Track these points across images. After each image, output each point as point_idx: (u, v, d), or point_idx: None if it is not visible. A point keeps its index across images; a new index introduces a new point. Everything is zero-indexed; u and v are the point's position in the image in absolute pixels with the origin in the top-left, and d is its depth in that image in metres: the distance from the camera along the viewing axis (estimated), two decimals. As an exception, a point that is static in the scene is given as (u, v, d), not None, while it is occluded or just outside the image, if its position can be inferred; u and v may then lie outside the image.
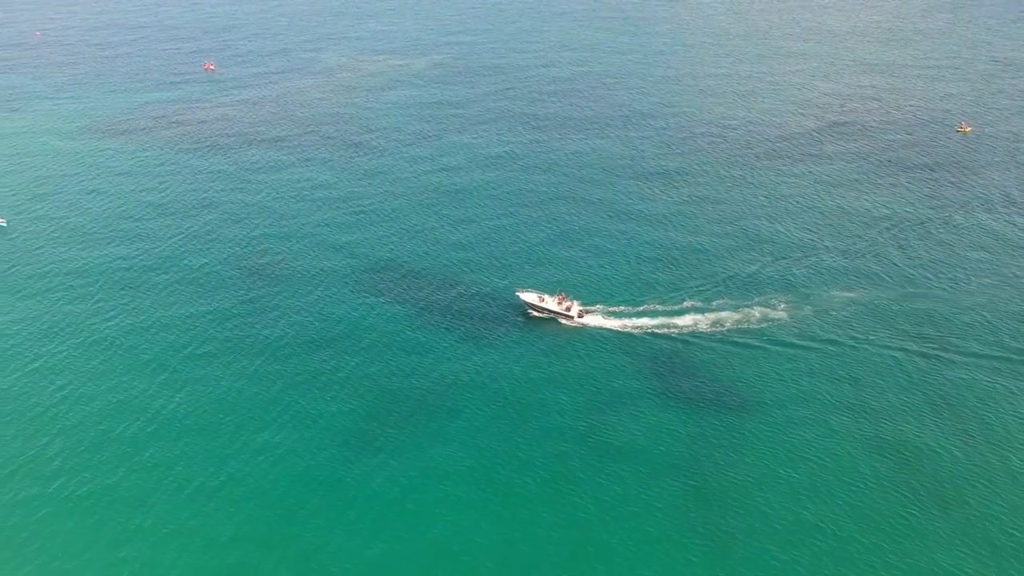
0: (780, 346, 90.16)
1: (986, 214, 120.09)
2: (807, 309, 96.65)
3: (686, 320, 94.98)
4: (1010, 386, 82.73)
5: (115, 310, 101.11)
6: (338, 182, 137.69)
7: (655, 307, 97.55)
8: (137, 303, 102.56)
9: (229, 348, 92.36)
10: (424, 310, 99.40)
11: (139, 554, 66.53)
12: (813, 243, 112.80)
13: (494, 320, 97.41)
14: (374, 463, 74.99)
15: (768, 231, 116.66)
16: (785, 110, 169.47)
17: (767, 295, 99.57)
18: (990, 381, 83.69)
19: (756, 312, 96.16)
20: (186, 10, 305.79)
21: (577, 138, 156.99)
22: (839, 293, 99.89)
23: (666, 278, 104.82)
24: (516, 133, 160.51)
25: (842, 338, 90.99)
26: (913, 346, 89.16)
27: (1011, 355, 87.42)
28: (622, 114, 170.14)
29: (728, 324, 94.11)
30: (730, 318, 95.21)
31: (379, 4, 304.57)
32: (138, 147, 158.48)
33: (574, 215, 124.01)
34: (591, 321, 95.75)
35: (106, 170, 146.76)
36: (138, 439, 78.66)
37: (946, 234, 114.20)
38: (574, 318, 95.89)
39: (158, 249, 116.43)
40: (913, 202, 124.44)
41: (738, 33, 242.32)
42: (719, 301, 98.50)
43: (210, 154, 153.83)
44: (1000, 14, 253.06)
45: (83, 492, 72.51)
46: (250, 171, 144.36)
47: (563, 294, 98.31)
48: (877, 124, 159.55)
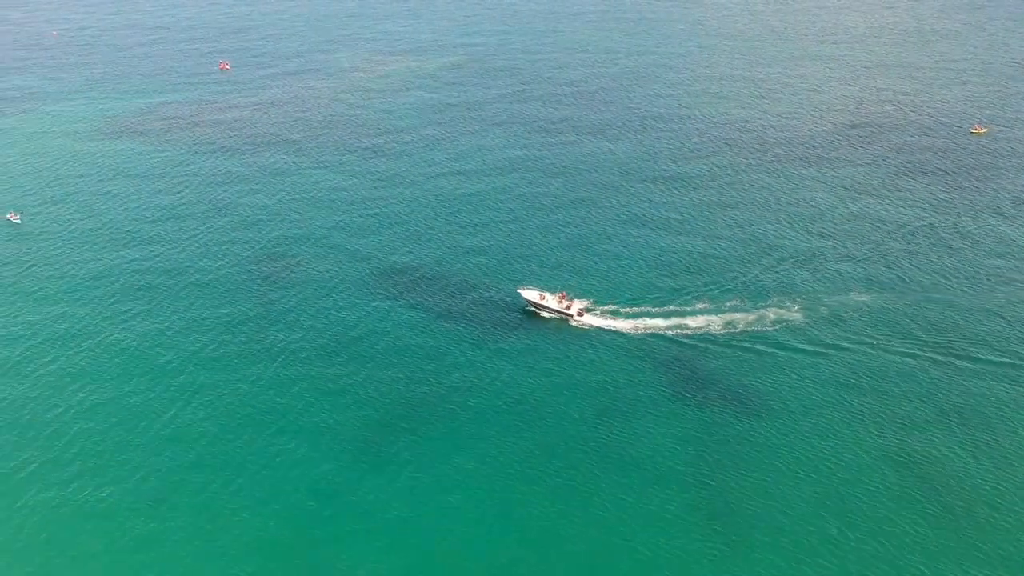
0: (790, 351, 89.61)
1: (999, 218, 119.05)
2: (822, 311, 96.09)
3: (698, 321, 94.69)
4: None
5: (129, 312, 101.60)
6: (352, 185, 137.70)
7: (666, 308, 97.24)
8: (150, 305, 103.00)
9: (244, 352, 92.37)
10: (433, 312, 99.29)
11: (155, 559, 66.76)
12: (827, 246, 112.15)
13: (499, 320, 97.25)
14: (387, 470, 74.92)
15: (781, 234, 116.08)
16: (800, 112, 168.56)
17: (780, 298, 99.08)
18: (1006, 389, 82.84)
19: (770, 314, 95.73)
20: (202, 10, 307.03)
21: (590, 140, 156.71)
22: (853, 297, 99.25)
23: (675, 280, 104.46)
24: (530, 135, 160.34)
25: (856, 343, 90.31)
26: (928, 352, 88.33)
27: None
28: (636, 117, 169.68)
29: (741, 326, 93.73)
30: (743, 319, 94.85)
31: (395, 5, 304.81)
32: (153, 148, 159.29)
33: (586, 217, 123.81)
34: (591, 320, 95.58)
35: (120, 171, 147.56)
36: (154, 443, 78.78)
37: (959, 238, 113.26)
38: (574, 317, 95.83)
39: (172, 252, 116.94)
40: (926, 205, 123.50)
41: (753, 34, 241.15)
42: (731, 303, 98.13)
43: (225, 155, 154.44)
44: (1019, 15, 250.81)
45: (100, 496, 72.74)
46: (264, 173, 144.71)
47: (564, 292, 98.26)
48: (892, 126, 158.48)
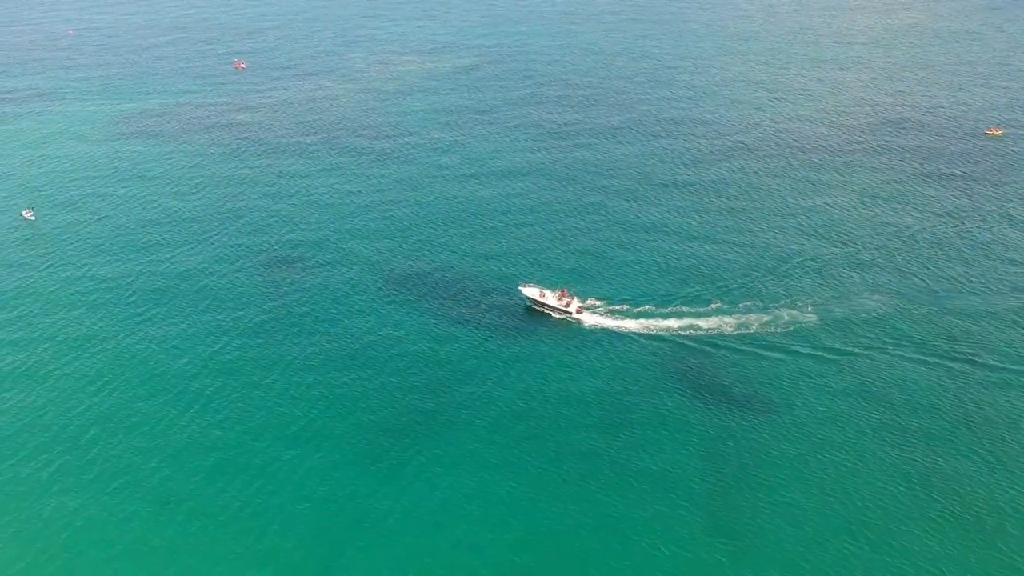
0: (803, 356, 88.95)
1: (1013, 223, 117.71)
2: (836, 314, 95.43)
3: (710, 323, 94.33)
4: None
5: (143, 316, 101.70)
6: (364, 189, 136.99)
7: (679, 309, 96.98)
8: (164, 309, 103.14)
9: (256, 357, 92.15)
10: (444, 317, 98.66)
11: (169, 563, 66.84)
12: (840, 250, 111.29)
13: (511, 323, 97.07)
14: (397, 477, 74.84)
15: (795, 237, 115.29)
16: (815, 115, 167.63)
17: (794, 301, 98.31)
18: (1021, 397, 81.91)
19: (785, 315, 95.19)
20: (219, 10, 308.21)
21: (604, 143, 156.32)
22: (867, 301, 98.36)
23: (689, 281, 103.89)
24: (543, 138, 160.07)
25: (870, 348, 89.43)
26: (942, 360, 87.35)
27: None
28: (651, 119, 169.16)
29: (755, 327, 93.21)
30: (757, 321, 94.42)
31: (411, 7, 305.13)
32: (167, 149, 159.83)
33: (599, 219, 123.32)
34: (602, 321, 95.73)
35: (134, 171, 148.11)
36: (170, 448, 78.84)
37: (973, 243, 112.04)
38: (572, 314, 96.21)
39: (185, 254, 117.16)
40: (941, 209, 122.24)
41: (769, 36, 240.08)
42: (745, 304, 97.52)
43: (238, 157, 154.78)
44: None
45: (116, 501, 72.77)
46: (276, 176, 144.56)
47: (564, 290, 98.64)
48: (907, 128, 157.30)
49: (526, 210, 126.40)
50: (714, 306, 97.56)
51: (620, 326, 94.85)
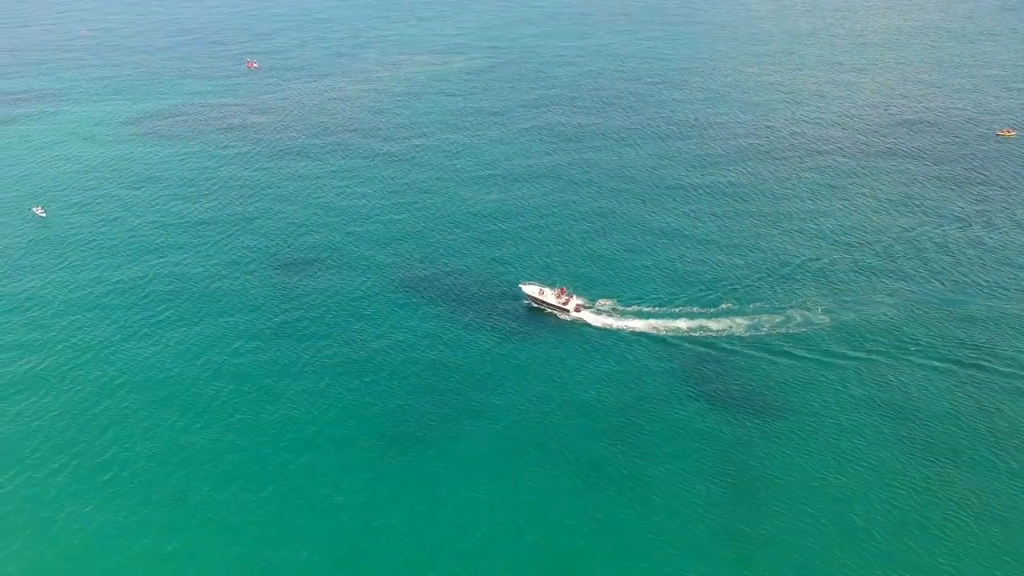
0: (814, 358, 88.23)
1: (1022, 225, 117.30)
2: (848, 316, 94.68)
3: (721, 324, 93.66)
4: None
5: (155, 319, 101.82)
6: (375, 192, 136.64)
7: (690, 309, 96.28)
8: (175, 311, 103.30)
9: (268, 360, 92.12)
10: (453, 322, 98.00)
11: (183, 548, 67.35)
12: (853, 251, 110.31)
13: (521, 325, 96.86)
14: (408, 481, 74.79)
15: (807, 239, 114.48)
16: (827, 116, 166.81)
17: (806, 302, 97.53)
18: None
19: (797, 316, 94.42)
20: (231, 11, 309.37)
21: (616, 144, 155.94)
22: (879, 303, 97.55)
23: (699, 282, 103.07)
24: (554, 140, 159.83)
25: (882, 351, 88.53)
26: (956, 363, 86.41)
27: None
28: (662, 121, 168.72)
29: (766, 329, 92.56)
30: (768, 322, 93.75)
31: (423, 8, 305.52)
32: (178, 149, 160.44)
33: (610, 219, 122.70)
34: (587, 318, 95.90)
35: (145, 172, 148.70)
36: (183, 452, 78.87)
37: (985, 245, 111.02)
38: (570, 312, 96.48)
39: (195, 256, 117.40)
40: (954, 212, 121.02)
41: (782, 37, 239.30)
42: (755, 305, 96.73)
43: (249, 159, 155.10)
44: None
45: (130, 504, 72.92)
46: (287, 178, 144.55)
47: (563, 288, 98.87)
48: (920, 129, 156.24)
49: (537, 213, 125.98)
50: (724, 307, 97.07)
51: (631, 327, 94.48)
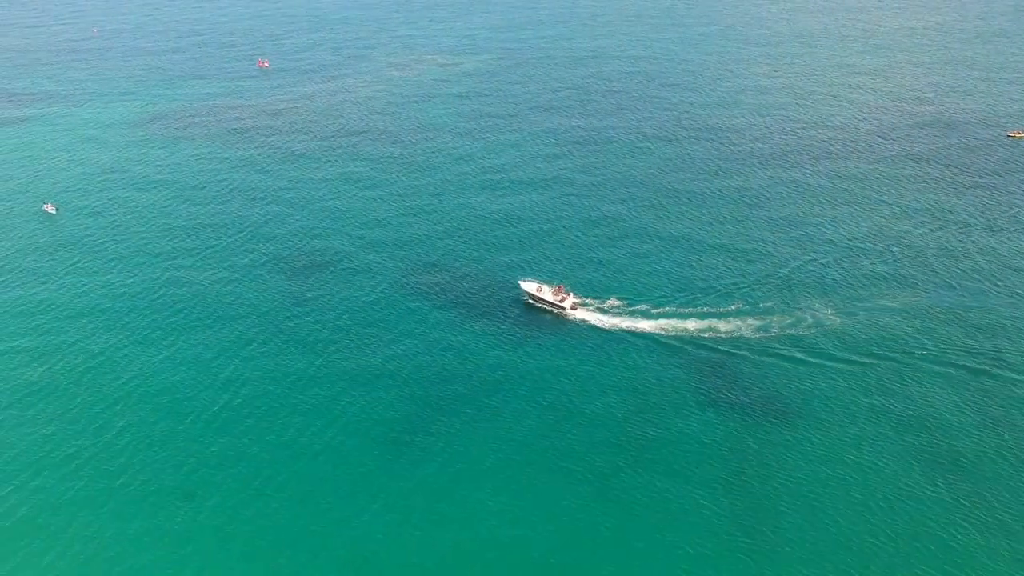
0: (825, 359, 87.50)
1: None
2: (859, 316, 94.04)
3: (731, 324, 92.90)
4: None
5: (161, 314, 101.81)
6: (384, 196, 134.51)
7: (701, 309, 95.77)
8: (183, 302, 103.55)
9: (275, 365, 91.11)
10: (460, 324, 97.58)
11: (193, 555, 66.88)
12: (864, 251, 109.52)
13: (525, 325, 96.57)
14: (419, 469, 74.66)
15: (818, 238, 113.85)
16: (838, 116, 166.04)
17: (816, 302, 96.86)
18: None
19: (808, 318, 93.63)
20: (242, 11, 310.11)
21: (625, 147, 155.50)
22: (890, 303, 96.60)
23: (708, 282, 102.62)
24: (563, 144, 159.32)
25: (894, 352, 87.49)
26: (968, 366, 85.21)
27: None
28: (673, 122, 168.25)
29: (775, 329, 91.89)
30: (778, 322, 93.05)
31: (434, 9, 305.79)
32: (188, 148, 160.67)
33: (619, 220, 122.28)
34: (585, 316, 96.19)
35: (155, 171, 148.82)
36: (197, 437, 79.01)
37: (994, 246, 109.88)
38: (566, 310, 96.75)
39: (204, 249, 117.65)
40: (963, 213, 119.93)
41: (793, 38, 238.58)
42: (766, 305, 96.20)
43: (258, 159, 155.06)
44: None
45: (146, 490, 72.97)
46: (296, 180, 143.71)
47: (561, 285, 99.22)
48: (931, 129, 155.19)
49: (546, 217, 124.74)
50: (734, 308, 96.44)
51: (639, 327, 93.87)
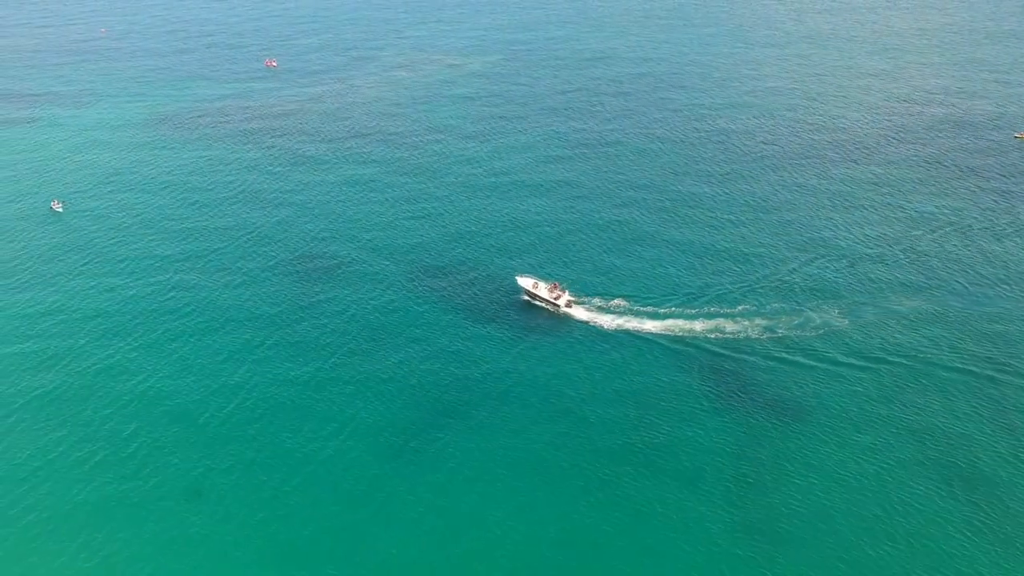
0: (834, 361, 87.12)
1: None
2: (867, 317, 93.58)
3: (737, 325, 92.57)
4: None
5: (170, 312, 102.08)
6: (392, 199, 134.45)
7: (709, 310, 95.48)
8: (190, 306, 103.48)
9: (283, 355, 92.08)
10: (467, 323, 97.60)
11: (210, 556, 67.00)
12: (872, 253, 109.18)
13: (533, 325, 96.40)
14: (425, 471, 74.72)
15: (827, 239, 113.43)
16: (846, 116, 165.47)
17: (824, 303, 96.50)
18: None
19: (816, 318, 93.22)
20: (251, 10, 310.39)
21: (633, 144, 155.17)
22: (899, 304, 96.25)
23: (717, 282, 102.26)
24: (570, 145, 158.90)
25: (903, 354, 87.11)
26: (978, 367, 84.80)
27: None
28: (680, 120, 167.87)
29: (782, 331, 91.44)
30: (785, 323, 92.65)
31: (445, 9, 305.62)
32: (196, 145, 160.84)
33: (628, 221, 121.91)
34: (589, 316, 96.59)
35: (164, 166, 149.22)
36: (209, 441, 78.99)
37: (1002, 248, 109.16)
38: (560, 307, 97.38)
39: (211, 248, 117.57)
40: (970, 214, 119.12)
41: (801, 37, 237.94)
42: (773, 306, 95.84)
43: (267, 159, 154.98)
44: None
45: (158, 493, 73.04)
46: (303, 181, 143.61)
47: (556, 283, 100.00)
48: (939, 130, 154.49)
49: (553, 219, 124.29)
50: (741, 308, 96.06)
51: (645, 328, 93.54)
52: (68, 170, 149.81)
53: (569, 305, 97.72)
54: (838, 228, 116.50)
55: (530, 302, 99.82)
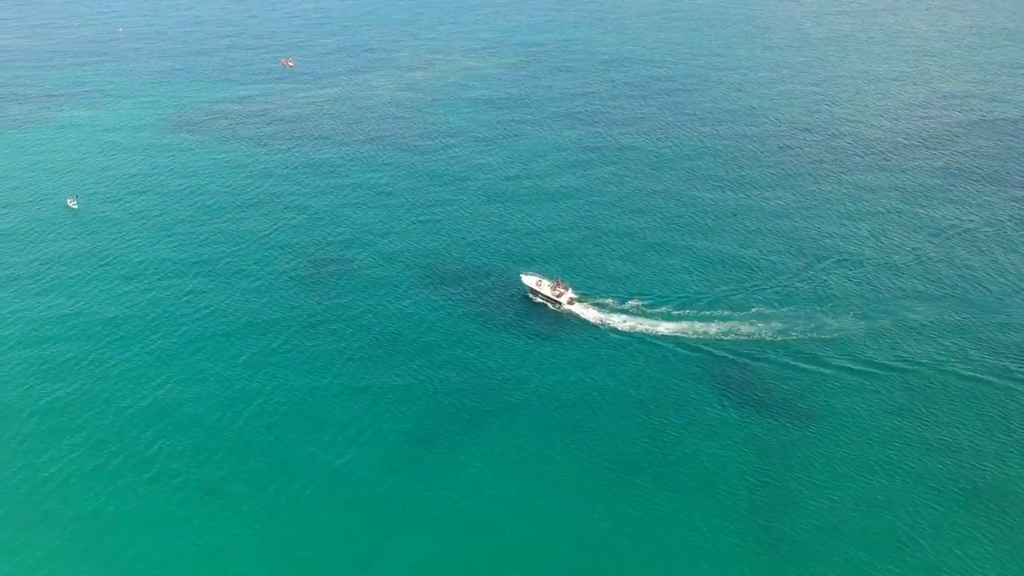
0: (847, 367, 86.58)
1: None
2: (882, 323, 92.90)
3: (751, 327, 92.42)
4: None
5: (184, 310, 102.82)
6: (403, 204, 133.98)
7: (722, 312, 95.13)
8: (204, 306, 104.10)
9: (298, 361, 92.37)
10: (480, 322, 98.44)
11: (230, 559, 67.53)
12: (888, 257, 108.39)
13: (543, 326, 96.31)
14: (438, 473, 74.99)
15: (843, 242, 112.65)
16: (865, 120, 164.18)
17: (839, 307, 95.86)
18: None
19: (832, 323, 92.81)
20: (268, 10, 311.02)
21: (648, 149, 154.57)
22: (914, 310, 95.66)
23: (729, 284, 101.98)
24: (584, 149, 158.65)
25: (919, 361, 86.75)
26: (994, 371, 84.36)
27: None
28: (696, 121, 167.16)
29: (796, 334, 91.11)
30: (799, 327, 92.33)
31: (460, 11, 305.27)
32: (210, 145, 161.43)
33: (641, 223, 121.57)
34: (577, 310, 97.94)
35: (179, 169, 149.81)
36: (228, 444, 79.58)
37: (1020, 252, 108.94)
38: (563, 305, 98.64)
39: (225, 252, 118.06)
40: (987, 217, 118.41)
41: (819, 38, 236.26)
42: (787, 309, 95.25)
43: (281, 158, 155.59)
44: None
45: (177, 497, 73.59)
46: (318, 185, 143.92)
47: (559, 281, 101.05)
48: (958, 132, 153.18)
49: (566, 223, 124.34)
50: (755, 310, 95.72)
51: (659, 330, 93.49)
52: (84, 170, 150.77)
53: (571, 303, 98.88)
54: (854, 234, 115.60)
55: (532, 299, 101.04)
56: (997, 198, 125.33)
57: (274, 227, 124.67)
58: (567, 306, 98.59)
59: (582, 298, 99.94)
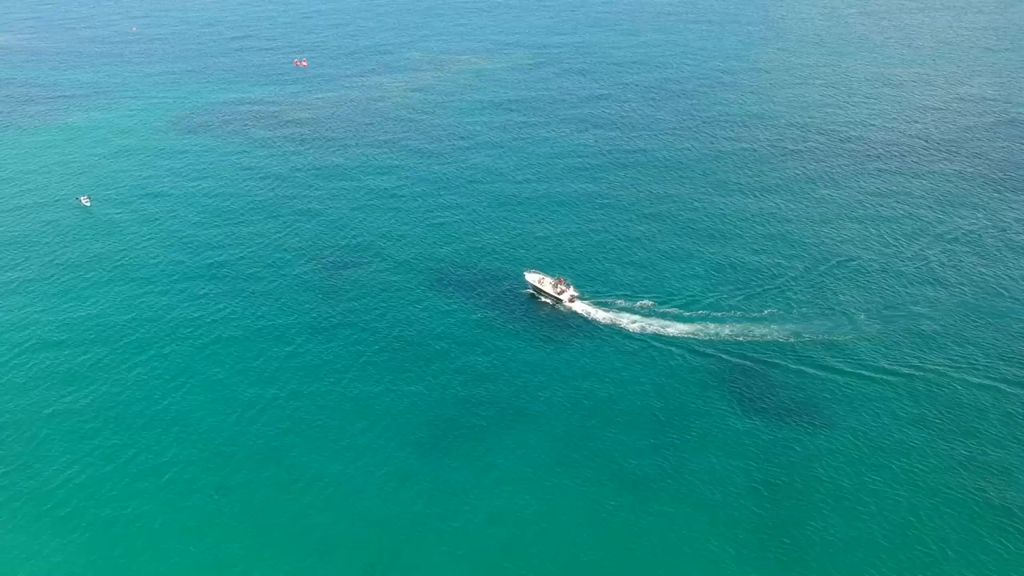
0: (859, 373, 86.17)
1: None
2: (895, 327, 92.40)
3: (762, 329, 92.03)
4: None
5: (194, 315, 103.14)
6: (414, 207, 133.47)
7: (733, 314, 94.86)
8: (215, 311, 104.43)
9: (309, 364, 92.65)
10: (490, 326, 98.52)
11: (240, 550, 68.20)
12: (901, 261, 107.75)
13: (553, 328, 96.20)
14: (456, 472, 75.20)
15: (857, 245, 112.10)
16: (879, 122, 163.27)
17: (850, 311, 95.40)
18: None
19: (845, 325, 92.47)
20: (282, 9, 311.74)
21: (661, 152, 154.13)
22: (927, 315, 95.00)
23: (739, 286, 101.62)
24: (596, 153, 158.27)
25: (933, 367, 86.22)
26: (1010, 386, 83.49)
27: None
28: (710, 122, 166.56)
29: (808, 336, 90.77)
30: (810, 330, 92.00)
31: (474, 13, 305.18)
32: (223, 147, 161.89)
33: (652, 224, 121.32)
34: (584, 309, 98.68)
35: (191, 172, 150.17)
36: (245, 447, 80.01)
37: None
38: (564, 302, 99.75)
39: (236, 256, 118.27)
40: (1005, 220, 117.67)
41: (834, 38, 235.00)
42: (801, 311, 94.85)
43: (292, 159, 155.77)
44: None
45: (194, 502, 73.96)
46: (331, 188, 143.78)
47: (561, 278, 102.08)
48: (975, 134, 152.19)
49: (576, 227, 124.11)
50: (768, 312, 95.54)
51: (669, 331, 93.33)
52: (97, 170, 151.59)
53: (572, 300, 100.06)
54: (868, 239, 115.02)
55: (537, 297, 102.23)
56: (1007, 205, 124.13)
57: (286, 231, 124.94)
58: (568, 303, 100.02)
59: (592, 298, 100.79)
